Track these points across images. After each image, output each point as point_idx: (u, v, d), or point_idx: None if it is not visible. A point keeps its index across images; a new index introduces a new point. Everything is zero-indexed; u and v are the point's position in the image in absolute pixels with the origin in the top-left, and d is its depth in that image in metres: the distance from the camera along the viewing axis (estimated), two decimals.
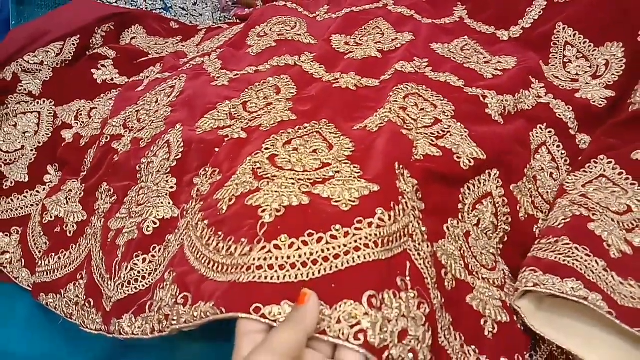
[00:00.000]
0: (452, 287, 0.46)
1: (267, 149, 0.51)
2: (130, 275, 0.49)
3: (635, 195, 0.55)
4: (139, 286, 0.49)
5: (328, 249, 0.38)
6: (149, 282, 0.48)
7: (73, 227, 0.63)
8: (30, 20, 0.94)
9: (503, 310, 0.48)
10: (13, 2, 0.95)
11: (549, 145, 0.63)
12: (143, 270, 0.49)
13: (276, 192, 0.43)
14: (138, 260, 0.50)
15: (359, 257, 0.38)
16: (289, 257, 0.38)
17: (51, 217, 0.67)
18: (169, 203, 0.53)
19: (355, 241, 0.39)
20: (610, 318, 0.43)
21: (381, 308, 0.36)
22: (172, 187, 0.54)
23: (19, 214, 0.72)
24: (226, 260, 0.40)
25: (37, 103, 0.82)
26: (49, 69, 0.86)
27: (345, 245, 0.38)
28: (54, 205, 0.68)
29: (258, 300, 0.35)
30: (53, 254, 0.62)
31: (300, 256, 0.38)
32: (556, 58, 0.75)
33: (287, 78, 0.67)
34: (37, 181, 0.75)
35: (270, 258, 0.38)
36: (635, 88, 0.67)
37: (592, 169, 0.60)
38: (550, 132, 0.64)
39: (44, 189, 0.74)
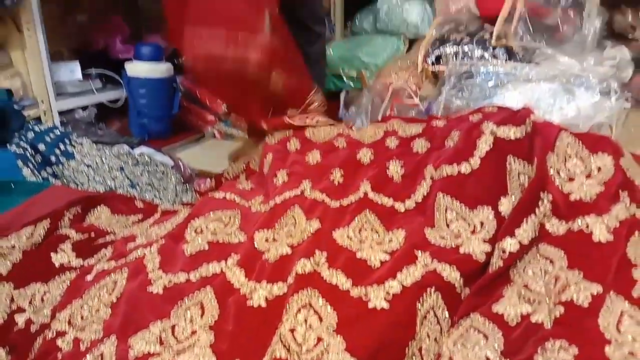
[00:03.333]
0: None
1: None
2: None
3: (494, 340, 0.67)
4: None
5: None
6: None
7: None
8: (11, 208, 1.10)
9: None
10: None
11: (436, 310, 0.74)
12: None
13: None
14: None
15: None
16: None
17: None
18: None
19: None
20: None
21: None
22: None
23: None
24: None
25: None
26: (19, 252, 0.99)
27: None
28: None
29: None
30: None
31: None
32: (440, 221, 0.91)
33: (211, 293, 0.82)
34: None
35: None
36: (495, 253, 0.80)
37: (462, 323, 0.73)
38: (437, 295, 0.75)
39: None
